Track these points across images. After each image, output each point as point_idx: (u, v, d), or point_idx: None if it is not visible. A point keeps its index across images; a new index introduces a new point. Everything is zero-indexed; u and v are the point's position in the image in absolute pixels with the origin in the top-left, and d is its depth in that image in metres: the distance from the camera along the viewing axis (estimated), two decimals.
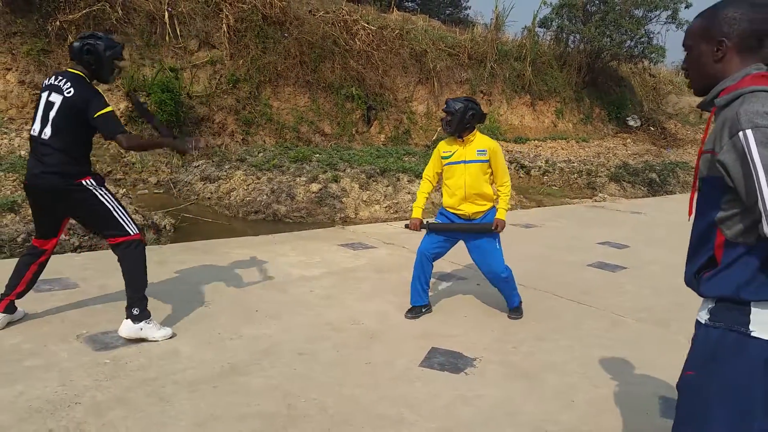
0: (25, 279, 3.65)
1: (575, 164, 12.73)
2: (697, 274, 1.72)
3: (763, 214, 1.48)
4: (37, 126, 3.44)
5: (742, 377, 1.59)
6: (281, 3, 12.47)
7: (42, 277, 4.49)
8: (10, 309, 3.67)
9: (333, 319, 4.18)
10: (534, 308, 4.63)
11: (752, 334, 1.58)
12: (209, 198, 8.65)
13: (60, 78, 3.43)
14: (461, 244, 4.32)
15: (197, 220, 7.57)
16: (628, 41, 18.73)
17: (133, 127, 10.05)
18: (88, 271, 4.77)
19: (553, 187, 11.90)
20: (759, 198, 1.48)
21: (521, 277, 5.40)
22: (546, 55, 18.69)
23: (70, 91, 3.37)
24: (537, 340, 3.99)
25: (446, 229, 4.21)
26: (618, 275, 5.75)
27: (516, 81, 17.29)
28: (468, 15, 29.07)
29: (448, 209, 4.25)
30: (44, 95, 3.45)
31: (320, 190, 8.41)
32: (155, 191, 9.18)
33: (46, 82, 3.49)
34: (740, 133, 1.50)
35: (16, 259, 3.89)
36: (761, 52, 1.65)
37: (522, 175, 12.46)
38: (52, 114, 3.38)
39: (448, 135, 4.18)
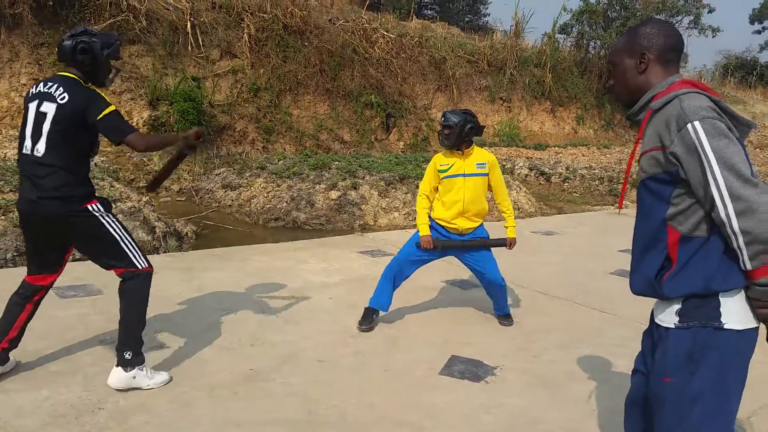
0: (18, 323, 3.08)
1: (596, 171, 12.60)
2: (656, 277, 1.74)
3: (716, 199, 1.55)
4: (27, 143, 2.91)
5: (720, 371, 1.64)
6: (302, 12, 12.59)
7: (66, 283, 4.58)
8: (3, 359, 3.08)
9: (352, 325, 4.18)
10: (555, 316, 4.59)
11: (725, 326, 1.63)
12: (230, 205, 8.73)
13: (50, 84, 2.94)
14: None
15: (218, 228, 7.63)
16: None
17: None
18: (112, 277, 4.81)
19: (574, 194, 11.79)
20: (713, 185, 1.56)
21: (541, 284, 5.37)
22: (566, 61, 18.59)
23: (64, 97, 2.88)
24: (558, 348, 3.94)
25: (459, 247, 4.14)
26: None
27: (536, 87, 17.22)
28: (487, 22, 29.08)
29: (438, 222, 4.14)
30: (32, 106, 2.93)
31: (339, 197, 8.43)
32: (178, 199, 9.29)
33: (33, 90, 2.98)
34: (689, 125, 1.59)
35: None
36: (677, 65, 1.82)
37: (542, 182, 12.38)
38: (46, 126, 2.88)
39: (445, 148, 4.11)
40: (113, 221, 3.07)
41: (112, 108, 2.93)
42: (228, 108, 11.28)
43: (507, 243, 4.15)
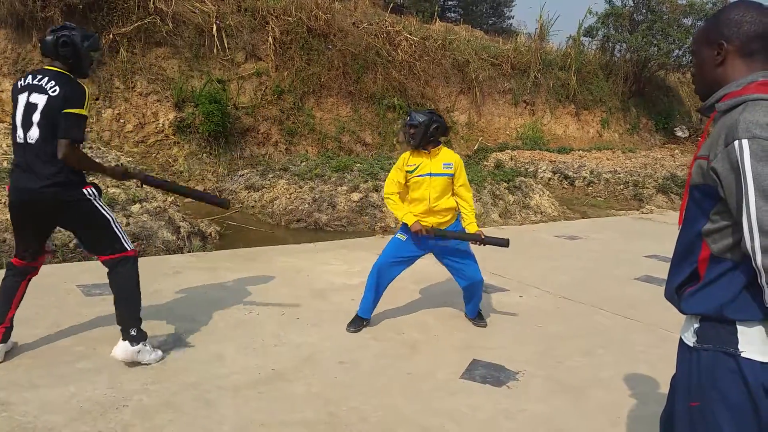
0: (16, 300, 3.31)
1: (621, 175, 12.44)
2: (679, 289, 1.64)
3: (745, 229, 1.42)
4: (20, 132, 3.08)
5: (745, 400, 1.51)
6: (326, 15, 12.65)
7: (92, 281, 4.67)
8: (6, 337, 3.29)
9: (374, 328, 4.18)
10: (579, 322, 4.54)
11: (742, 354, 1.50)
12: (253, 206, 8.80)
13: (39, 77, 3.08)
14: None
15: (241, 228, 7.70)
16: (676, 50, 18.25)
17: (180, 137, 10.33)
18: None
19: (599, 199, 11.66)
20: (744, 213, 1.41)
21: (565, 289, 5.32)
22: (591, 64, 18.38)
23: (55, 90, 3.03)
24: (582, 354, 3.90)
25: (444, 236, 4.05)
26: None
27: (560, 90, 17.06)
28: (511, 25, 28.91)
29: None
30: (22, 97, 3.08)
31: (361, 199, 8.44)
32: None
33: (21, 82, 3.14)
34: (736, 143, 1.42)
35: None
36: (766, 57, 1.58)
37: (566, 186, 12.26)
38: (36, 117, 3.03)
39: (411, 147, 4.10)
40: (104, 205, 3.29)
41: (83, 112, 3.09)
42: (252, 110, 11.37)
43: (478, 235, 3.99)
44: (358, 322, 4.18)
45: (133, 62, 10.40)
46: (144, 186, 3.54)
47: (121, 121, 10.04)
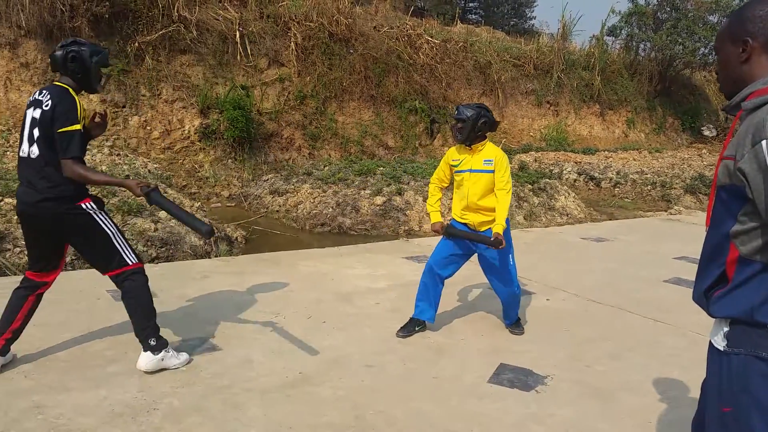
0: (21, 314, 3.25)
1: (648, 176, 12.25)
2: (707, 292, 1.61)
3: None
4: (24, 146, 3.11)
5: None
6: (347, 20, 12.72)
7: None
8: (4, 350, 3.25)
9: None
10: (607, 325, 4.48)
11: None
12: (278, 211, 8.87)
13: (44, 92, 3.11)
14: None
15: (267, 232, 7.76)
16: (702, 48, 17.98)
17: (205, 143, 10.45)
18: (166, 281, 4.96)
19: (626, 200, 11.51)
20: None
21: (593, 292, 5.25)
22: (615, 63, 18.19)
23: (48, 104, 3.05)
24: (611, 358, 3.85)
25: (464, 237, 4.01)
26: None
27: (584, 90, 16.90)
28: (533, 25, 28.74)
29: (455, 218, 4.13)
30: (29, 112, 3.12)
31: (384, 202, 8.45)
32: (227, 204, 9.49)
33: (31, 98, 3.17)
34: (763, 142, 1.39)
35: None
36: None
37: (592, 187, 12.13)
38: (36, 131, 3.07)
39: (458, 142, 4.06)
40: (105, 219, 3.23)
41: (76, 127, 3.05)
42: (275, 115, 11.48)
43: (492, 238, 3.84)
44: (410, 327, 4.13)
45: (159, 70, 10.57)
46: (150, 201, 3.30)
47: (148, 128, 10.20)
